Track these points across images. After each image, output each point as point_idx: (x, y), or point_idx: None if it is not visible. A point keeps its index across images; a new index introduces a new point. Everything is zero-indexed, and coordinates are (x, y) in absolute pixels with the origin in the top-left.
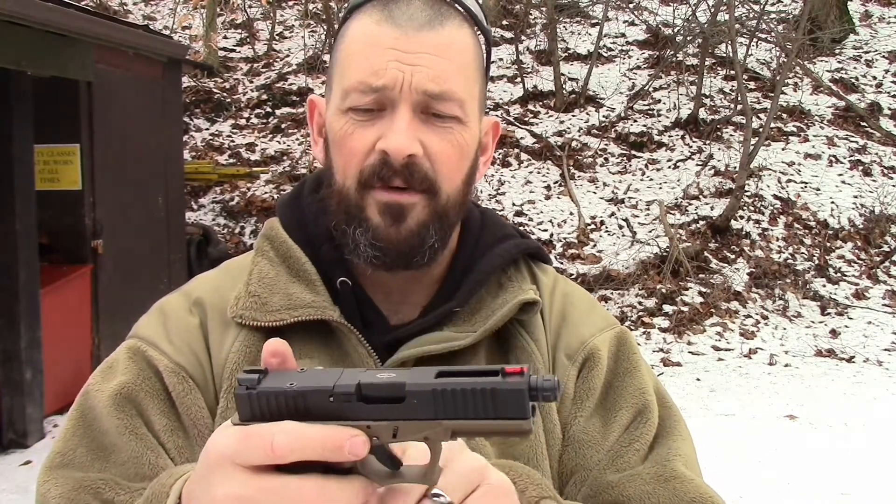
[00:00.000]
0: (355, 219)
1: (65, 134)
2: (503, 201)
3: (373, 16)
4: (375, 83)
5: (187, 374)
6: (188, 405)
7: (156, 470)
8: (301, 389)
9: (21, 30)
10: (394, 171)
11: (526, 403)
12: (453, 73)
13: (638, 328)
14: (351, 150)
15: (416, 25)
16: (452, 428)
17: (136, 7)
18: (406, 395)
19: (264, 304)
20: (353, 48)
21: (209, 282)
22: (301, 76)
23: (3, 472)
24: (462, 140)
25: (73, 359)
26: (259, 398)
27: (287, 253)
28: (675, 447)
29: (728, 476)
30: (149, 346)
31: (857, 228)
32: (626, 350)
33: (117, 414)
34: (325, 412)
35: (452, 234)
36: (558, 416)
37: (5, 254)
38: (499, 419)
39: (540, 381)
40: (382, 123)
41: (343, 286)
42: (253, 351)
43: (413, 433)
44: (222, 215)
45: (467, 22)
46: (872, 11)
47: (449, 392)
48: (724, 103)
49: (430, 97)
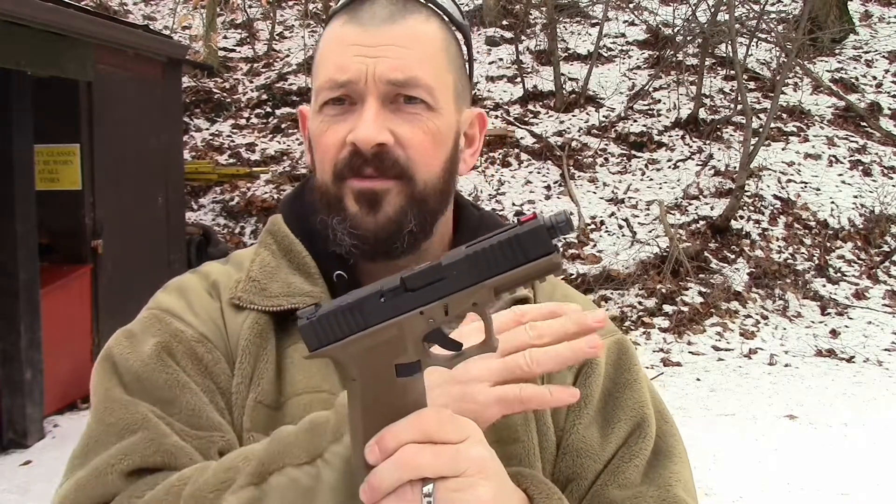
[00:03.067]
0: (334, 209)
1: (65, 134)
2: (503, 201)
3: (340, 19)
4: (341, 78)
5: (213, 345)
6: (217, 373)
7: (212, 423)
8: (355, 300)
9: (21, 30)
10: (364, 161)
11: (548, 238)
12: (417, 61)
13: (638, 328)
14: (325, 146)
15: (377, 22)
16: (494, 285)
17: (136, 7)
18: (444, 272)
19: (263, 289)
20: (323, 51)
21: (220, 266)
22: (301, 76)
23: (3, 472)
24: (434, 127)
25: (73, 359)
26: (321, 322)
27: (289, 247)
28: (677, 471)
29: (728, 476)
30: (173, 317)
31: (857, 228)
32: (627, 360)
33: (163, 370)
34: (380, 313)
35: (436, 222)
36: (552, 419)
37: (5, 254)
38: (530, 262)
39: (553, 218)
40: (354, 118)
41: (339, 279)
42: (264, 328)
43: (462, 304)
44: (222, 215)
45: (435, 16)
46: (872, 11)
47: (480, 252)
48: (724, 103)
49: (396, 85)
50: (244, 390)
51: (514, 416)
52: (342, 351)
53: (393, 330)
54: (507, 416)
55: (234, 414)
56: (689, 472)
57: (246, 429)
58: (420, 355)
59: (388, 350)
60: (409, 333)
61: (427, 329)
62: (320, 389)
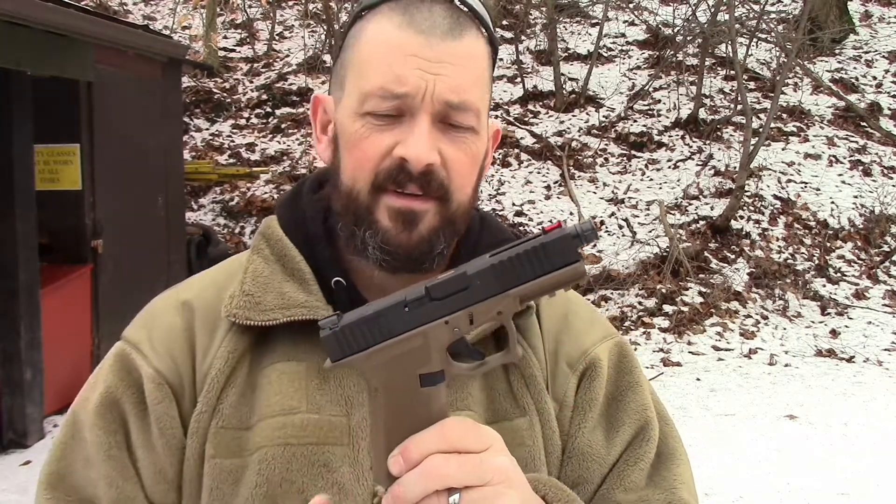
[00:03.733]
0: (364, 221)
1: (65, 134)
2: (503, 201)
3: (392, 19)
4: (398, 90)
5: (164, 381)
6: (160, 414)
7: (122, 495)
8: (379, 309)
9: (21, 30)
10: (410, 178)
11: (574, 248)
12: (471, 83)
13: (638, 328)
14: (365, 153)
15: (439, 34)
16: (520, 294)
17: (136, 7)
18: (469, 281)
19: (258, 303)
20: (373, 50)
21: (201, 282)
22: (301, 76)
23: (3, 472)
24: (476, 150)
25: (73, 359)
26: (344, 333)
27: (282, 252)
28: (680, 473)
29: (728, 476)
30: (133, 349)
31: (857, 228)
32: (628, 363)
33: (98, 427)
34: (405, 322)
35: (456, 239)
36: (557, 423)
37: (5, 254)
38: (555, 270)
39: (580, 227)
40: (401, 129)
41: (337, 286)
42: (236, 355)
43: (487, 313)
44: (222, 215)
45: (482, 32)
46: (872, 11)
47: (506, 261)
48: (724, 103)
49: (450, 107)
50: (207, 419)
51: (518, 421)
52: (366, 361)
53: (418, 339)
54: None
55: (192, 442)
56: (691, 472)
57: (209, 455)
58: (444, 365)
59: (413, 360)
60: (433, 343)
61: (452, 338)
62: (296, 410)
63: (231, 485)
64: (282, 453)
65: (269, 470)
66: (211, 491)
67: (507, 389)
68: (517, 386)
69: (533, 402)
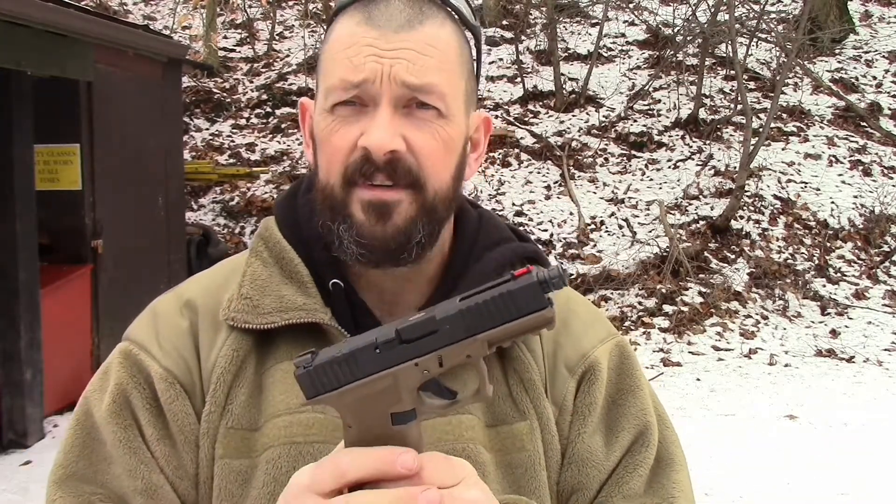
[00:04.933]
0: (339, 215)
1: (65, 134)
2: (503, 201)
3: (353, 17)
4: (355, 79)
5: (175, 380)
6: (175, 412)
7: (149, 485)
8: (350, 350)
9: (21, 30)
10: (376, 168)
11: (541, 295)
12: (433, 67)
13: (638, 328)
14: (334, 148)
15: (394, 26)
16: (488, 339)
17: (136, 7)
18: (438, 325)
19: (256, 306)
20: (335, 49)
21: (202, 282)
22: (301, 76)
23: (3, 472)
24: (446, 134)
25: (73, 359)
26: (317, 372)
27: (280, 254)
28: (678, 480)
29: (728, 476)
30: (140, 349)
31: (857, 228)
32: (629, 365)
33: (114, 423)
34: (375, 364)
35: (442, 230)
36: (556, 427)
37: (5, 254)
38: (522, 316)
39: (547, 273)
40: (366, 120)
41: (335, 288)
42: (241, 354)
43: (456, 356)
44: (222, 215)
45: (451, 19)
46: (872, 11)
47: (474, 307)
48: (724, 103)
49: (411, 89)
50: (216, 419)
51: (518, 425)
52: (338, 399)
53: (388, 380)
54: (511, 424)
55: (204, 442)
56: (689, 478)
57: (219, 456)
58: (415, 404)
59: (384, 399)
60: (403, 383)
61: (422, 380)
62: (302, 409)
63: (240, 485)
64: (288, 452)
65: (276, 469)
66: (220, 491)
67: (507, 393)
68: (516, 390)
69: (532, 406)
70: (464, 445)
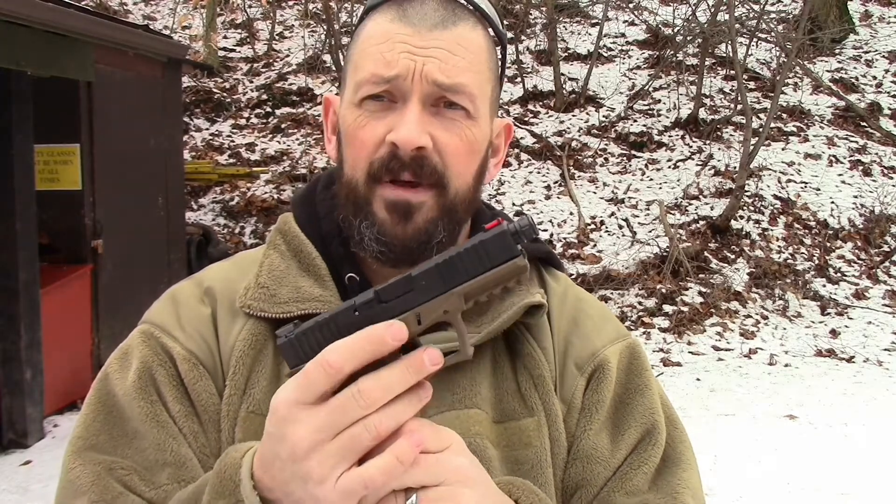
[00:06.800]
0: (362, 211)
1: (65, 134)
2: (503, 201)
3: (387, 14)
4: (388, 73)
5: (198, 361)
6: (199, 391)
7: (178, 457)
8: (330, 315)
9: (21, 30)
10: (402, 164)
11: (512, 243)
12: (464, 68)
13: (638, 328)
14: (362, 142)
15: (428, 25)
16: (464, 292)
17: (136, 7)
18: (414, 282)
19: (273, 295)
20: (367, 44)
21: (220, 271)
22: (301, 76)
23: (3, 472)
24: (471, 135)
25: (73, 359)
26: (299, 340)
27: (298, 248)
28: (685, 478)
29: (728, 476)
30: (162, 332)
31: (857, 228)
32: (638, 365)
33: (140, 399)
34: (355, 326)
35: (461, 230)
36: (564, 425)
37: (5, 254)
38: (495, 266)
39: (517, 223)
40: (394, 116)
41: (351, 282)
42: (260, 339)
43: (434, 312)
44: (222, 215)
45: (481, 24)
46: (872, 11)
47: (448, 261)
48: (724, 103)
49: (441, 88)
50: (237, 402)
51: (526, 421)
52: None
53: None
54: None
55: (224, 425)
56: (698, 478)
57: (238, 439)
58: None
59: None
60: None
61: None
62: None
63: None
64: None
65: None
66: None
67: (516, 389)
68: (525, 386)
69: (541, 403)
70: (470, 440)
